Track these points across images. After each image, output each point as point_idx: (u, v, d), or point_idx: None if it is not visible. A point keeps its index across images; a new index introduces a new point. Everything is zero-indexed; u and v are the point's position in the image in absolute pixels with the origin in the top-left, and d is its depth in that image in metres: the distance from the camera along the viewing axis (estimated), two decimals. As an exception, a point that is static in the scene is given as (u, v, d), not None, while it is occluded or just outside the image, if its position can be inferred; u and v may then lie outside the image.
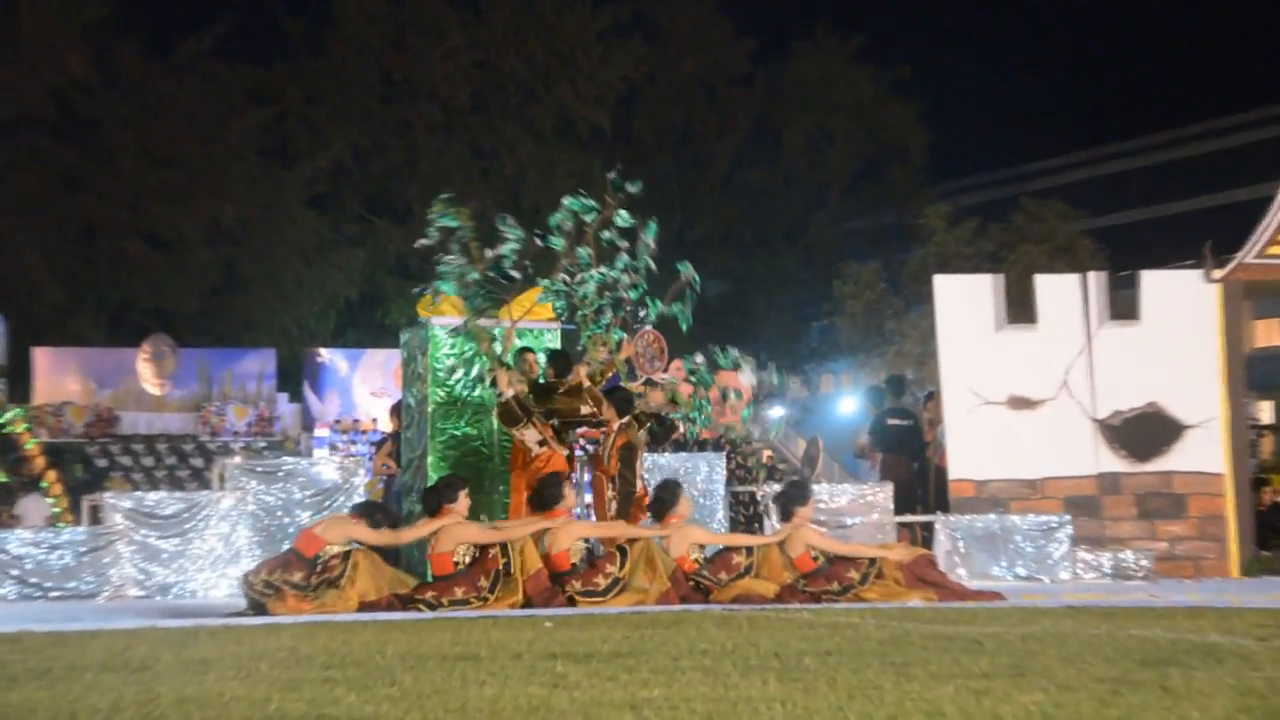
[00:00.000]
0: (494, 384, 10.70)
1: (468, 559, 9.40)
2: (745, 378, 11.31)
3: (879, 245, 40.89)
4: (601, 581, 9.46)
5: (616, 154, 38.77)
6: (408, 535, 10.03)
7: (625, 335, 10.99)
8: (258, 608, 9.03)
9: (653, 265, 10.77)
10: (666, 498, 9.95)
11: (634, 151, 40.21)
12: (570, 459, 11.04)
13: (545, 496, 9.76)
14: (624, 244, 10.81)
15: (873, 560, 9.68)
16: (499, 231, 10.65)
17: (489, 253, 10.56)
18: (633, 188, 10.56)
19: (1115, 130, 46.97)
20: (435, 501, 9.82)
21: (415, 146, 35.87)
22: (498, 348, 10.88)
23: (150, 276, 31.60)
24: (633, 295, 10.84)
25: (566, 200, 10.70)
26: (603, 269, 10.74)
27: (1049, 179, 43.80)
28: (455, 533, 9.47)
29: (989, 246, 30.62)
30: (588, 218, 10.69)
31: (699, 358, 11.16)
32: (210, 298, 33.31)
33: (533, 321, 11.43)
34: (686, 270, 10.85)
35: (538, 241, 10.73)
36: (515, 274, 10.64)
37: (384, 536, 9.82)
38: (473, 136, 36.04)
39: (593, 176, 36.12)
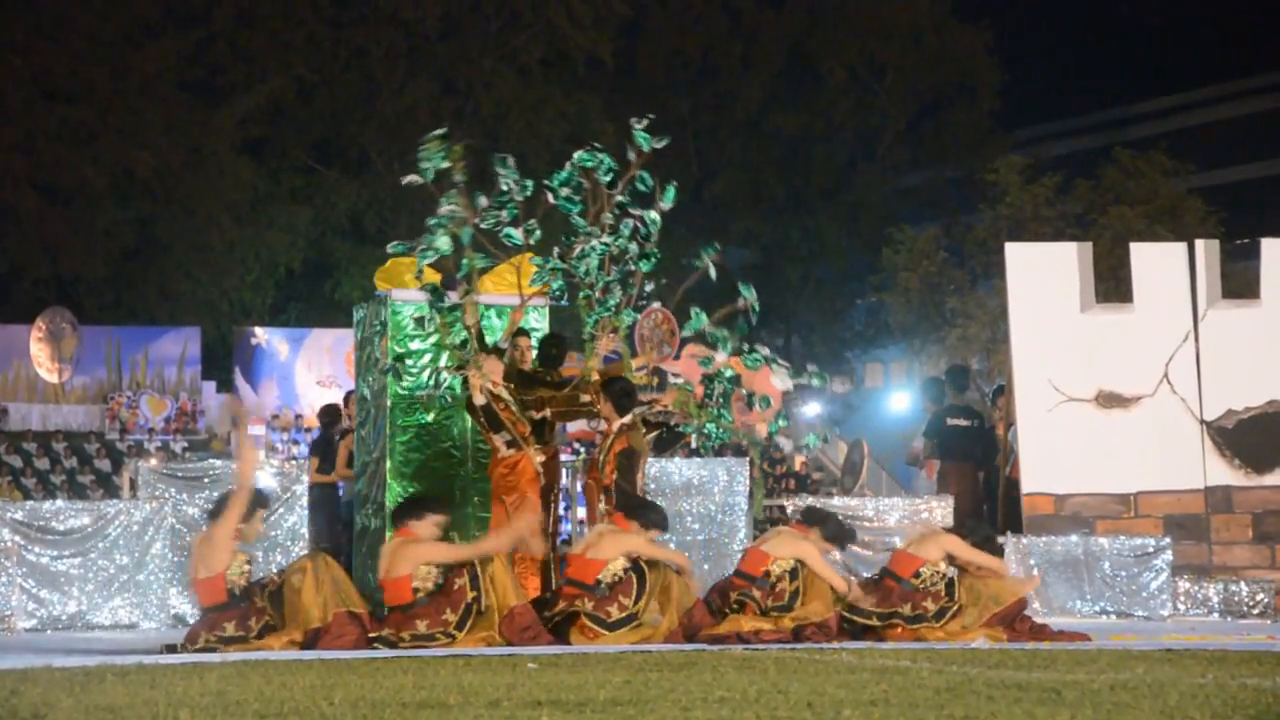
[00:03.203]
0: (464, 384, 10.74)
1: (430, 585, 9.40)
2: (778, 382, 11.29)
3: (939, 206, 40.87)
4: (614, 613, 9.51)
5: (619, 92, 38.79)
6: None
7: (637, 316, 11.01)
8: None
9: (653, 228, 10.76)
10: None
11: (641, 89, 40.16)
12: (552, 463, 11.03)
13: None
14: (636, 210, 10.82)
15: (951, 585, 9.87)
16: (494, 177, 10.64)
17: (484, 202, 10.55)
18: (659, 143, 10.59)
19: (1231, 66, 46.82)
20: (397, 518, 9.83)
21: (372, 81, 35.85)
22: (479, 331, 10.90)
23: (46, 236, 31.59)
24: (645, 267, 10.85)
25: (578, 155, 10.67)
26: (607, 238, 10.75)
27: (1149, 126, 43.73)
28: (412, 552, 9.44)
29: (1074, 208, 30.58)
30: (605, 177, 10.70)
31: (719, 354, 11.02)
32: (120, 263, 33.31)
33: (497, 297, 11.42)
34: (749, 295, 10.89)
35: (550, 198, 10.73)
36: (515, 232, 10.63)
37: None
38: (443, 69, 36.01)
39: (589, 120, 36.18)
